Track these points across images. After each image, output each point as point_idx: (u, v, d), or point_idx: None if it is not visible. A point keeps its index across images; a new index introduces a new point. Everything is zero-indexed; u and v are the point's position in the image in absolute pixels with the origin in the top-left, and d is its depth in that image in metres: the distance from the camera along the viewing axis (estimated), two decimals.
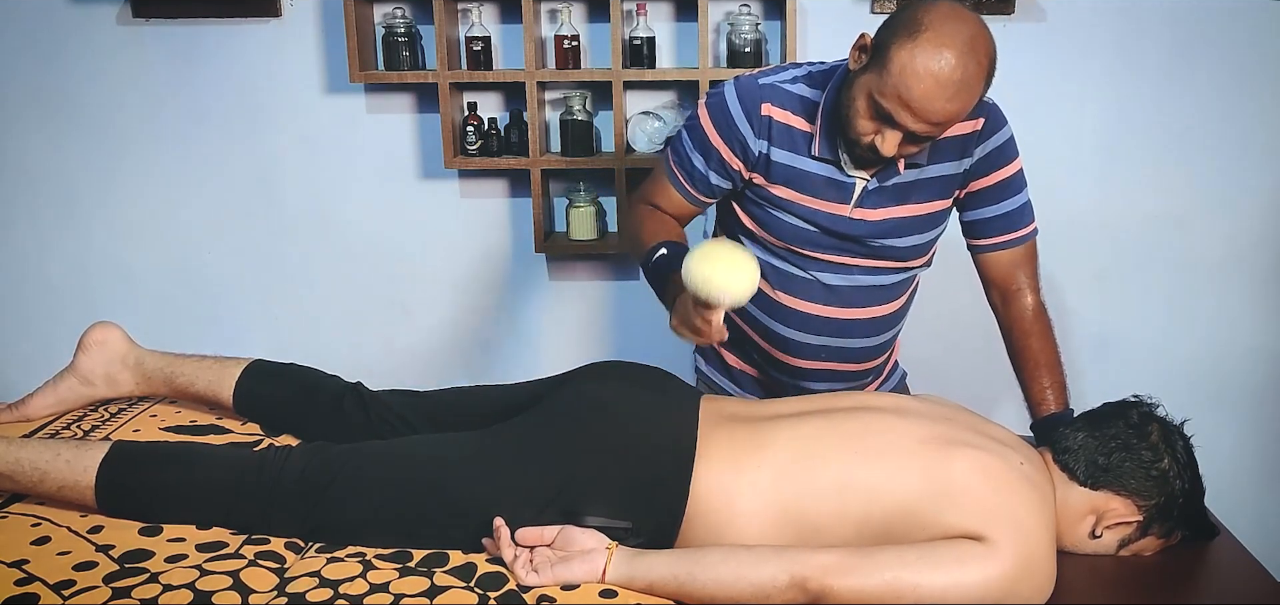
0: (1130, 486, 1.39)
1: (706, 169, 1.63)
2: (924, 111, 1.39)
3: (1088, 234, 2.60)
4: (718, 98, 1.62)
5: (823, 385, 1.76)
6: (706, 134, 1.62)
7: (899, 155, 1.48)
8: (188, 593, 1.23)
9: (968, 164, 1.61)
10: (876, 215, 1.60)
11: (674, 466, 1.37)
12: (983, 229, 1.67)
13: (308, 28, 2.57)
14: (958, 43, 1.37)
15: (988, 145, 1.61)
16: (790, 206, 1.61)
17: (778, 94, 1.59)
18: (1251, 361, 2.69)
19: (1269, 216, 2.59)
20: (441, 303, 2.76)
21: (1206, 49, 2.48)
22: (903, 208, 1.61)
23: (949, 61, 1.36)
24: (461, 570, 1.30)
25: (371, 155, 2.65)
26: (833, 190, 1.59)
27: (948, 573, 1.23)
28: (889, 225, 1.61)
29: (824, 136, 1.56)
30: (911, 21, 1.39)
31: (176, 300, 2.77)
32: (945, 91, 1.38)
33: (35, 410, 1.67)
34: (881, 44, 1.42)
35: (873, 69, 1.42)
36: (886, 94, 1.40)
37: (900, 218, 1.61)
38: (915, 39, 1.37)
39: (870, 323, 1.70)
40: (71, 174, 2.70)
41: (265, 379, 1.66)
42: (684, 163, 1.65)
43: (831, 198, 1.59)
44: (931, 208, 1.63)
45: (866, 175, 1.58)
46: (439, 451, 1.43)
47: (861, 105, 1.45)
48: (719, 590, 1.25)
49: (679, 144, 1.66)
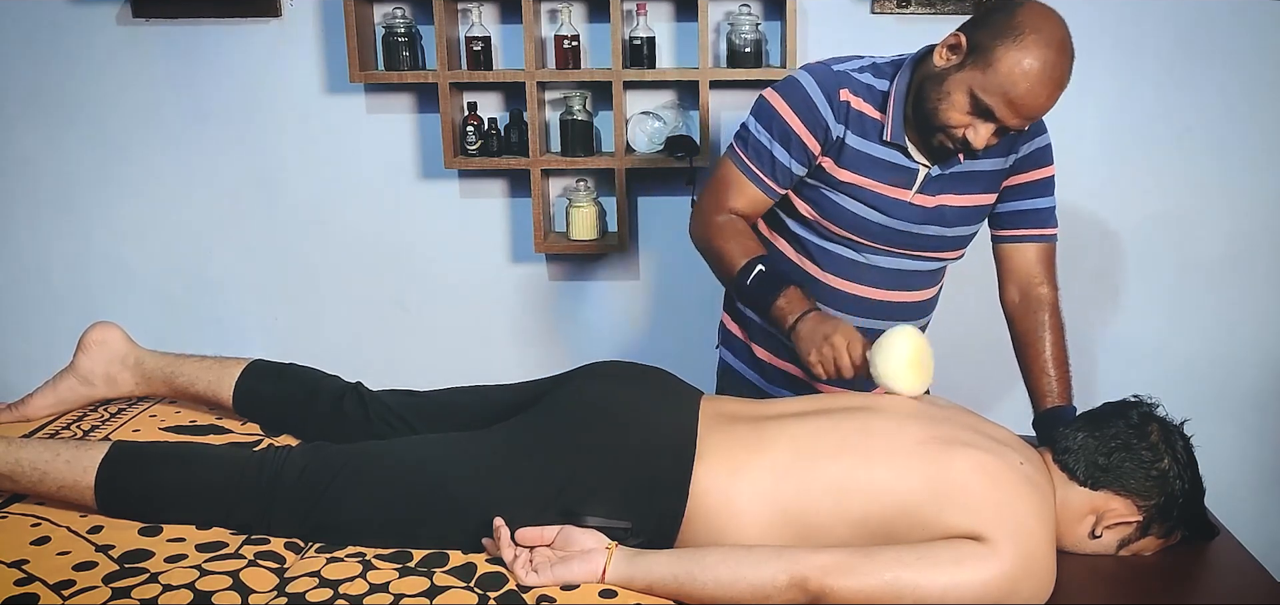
0: (1130, 486, 1.39)
1: (789, 159, 1.64)
2: (1025, 107, 1.49)
3: (1088, 234, 2.60)
4: (793, 86, 1.64)
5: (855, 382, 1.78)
6: (787, 122, 1.63)
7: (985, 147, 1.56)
8: (187, 593, 1.23)
9: (1013, 160, 1.70)
10: (933, 202, 1.67)
11: (674, 466, 1.37)
12: (1013, 221, 1.75)
13: (308, 28, 2.57)
14: (1056, 42, 1.48)
15: (1033, 144, 1.71)
16: (854, 190, 1.65)
17: (851, 81, 1.64)
18: (1251, 361, 2.69)
19: (1269, 216, 2.59)
20: (441, 303, 2.76)
21: (1207, 49, 2.48)
22: (957, 197, 1.68)
23: (1052, 60, 1.47)
24: (461, 570, 1.30)
25: (371, 155, 2.65)
26: (898, 175, 1.65)
27: (947, 573, 1.23)
28: (942, 213, 1.68)
29: (895, 123, 1.62)
30: (1012, 22, 1.48)
31: (176, 300, 2.78)
32: (1047, 88, 1.48)
33: (35, 410, 1.67)
34: (982, 44, 1.50)
35: (973, 66, 1.50)
36: (990, 91, 1.49)
37: (953, 206, 1.69)
38: (1021, 39, 1.46)
39: (912, 306, 1.76)
40: (71, 174, 2.70)
41: (265, 379, 1.66)
42: (762, 157, 1.65)
43: (896, 182, 1.65)
44: (979, 200, 1.70)
45: (929, 164, 1.65)
46: (439, 451, 1.43)
47: (959, 99, 1.52)
48: (719, 590, 1.25)
49: (751, 139, 1.66)
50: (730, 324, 1.91)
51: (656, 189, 2.63)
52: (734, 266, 1.64)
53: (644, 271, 2.71)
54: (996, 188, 1.71)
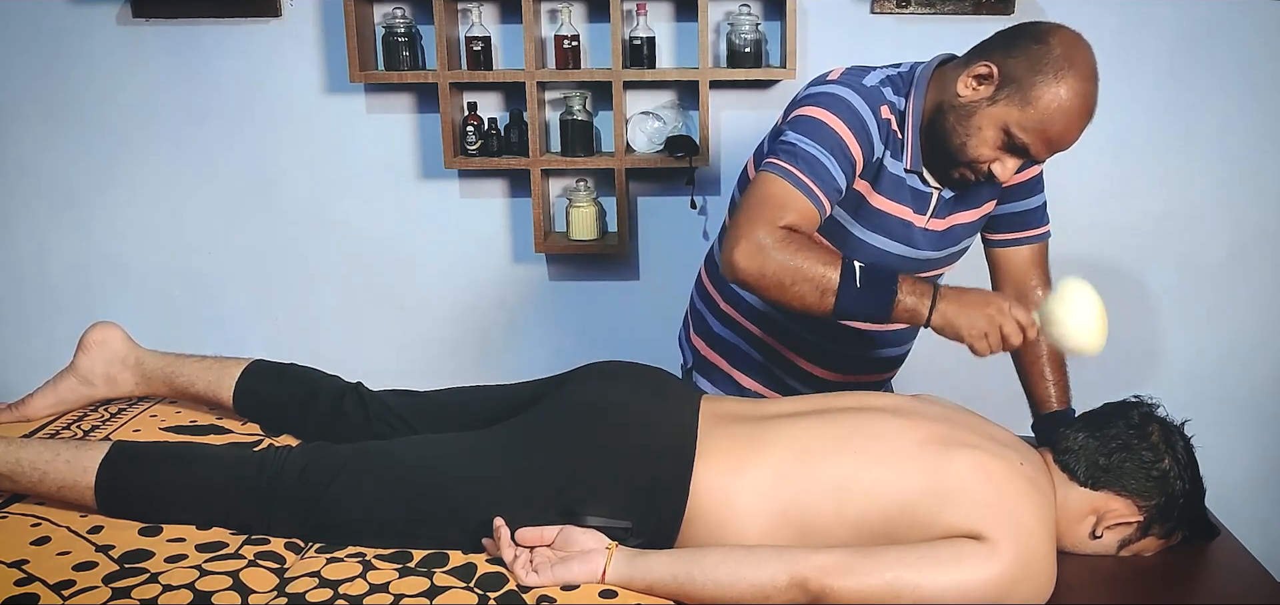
0: (1131, 487, 1.39)
1: (838, 172, 1.44)
2: (1061, 143, 1.43)
3: (1088, 234, 2.60)
4: (833, 98, 1.48)
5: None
6: (838, 134, 1.45)
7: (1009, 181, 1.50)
8: (188, 593, 1.23)
9: None
10: (943, 225, 1.61)
11: (674, 466, 1.37)
12: (1006, 224, 1.69)
13: (308, 28, 2.57)
14: (1093, 73, 1.41)
15: None
16: (881, 219, 1.55)
17: (883, 97, 1.51)
18: (1252, 362, 2.69)
19: (1270, 216, 2.59)
20: (441, 303, 2.76)
21: (1208, 49, 2.48)
22: (964, 214, 1.62)
23: (1090, 94, 1.41)
24: (461, 570, 1.30)
25: (371, 155, 2.65)
26: (916, 200, 1.57)
27: (948, 573, 1.23)
28: (950, 235, 1.62)
29: (914, 150, 1.53)
30: (1050, 54, 1.39)
31: (176, 300, 2.78)
32: (1083, 122, 1.42)
33: (35, 410, 1.67)
34: (1018, 77, 1.40)
35: (1008, 101, 1.41)
36: (1028, 128, 1.41)
37: (960, 225, 1.63)
38: (1061, 74, 1.38)
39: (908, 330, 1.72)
40: (71, 174, 2.70)
41: (265, 379, 1.66)
42: (815, 168, 1.42)
43: (914, 208, 1.57)
44: (983, 210, 1.66)
45: (940, 187, 1.57)
46: (439, 452, 1.43)
47: (991, 135, 1.43)
48: (719, 590, 1.25)
49: (799, 151, 1.44)
50: (708, 352, 1.81)
51: (656, 189, 2.63)
52: (827, 276, 1.35)
53: (644, 271, 2.71)
54: (997, 194, 1.66)
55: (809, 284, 1.36)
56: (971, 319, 1.34)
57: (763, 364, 1.77)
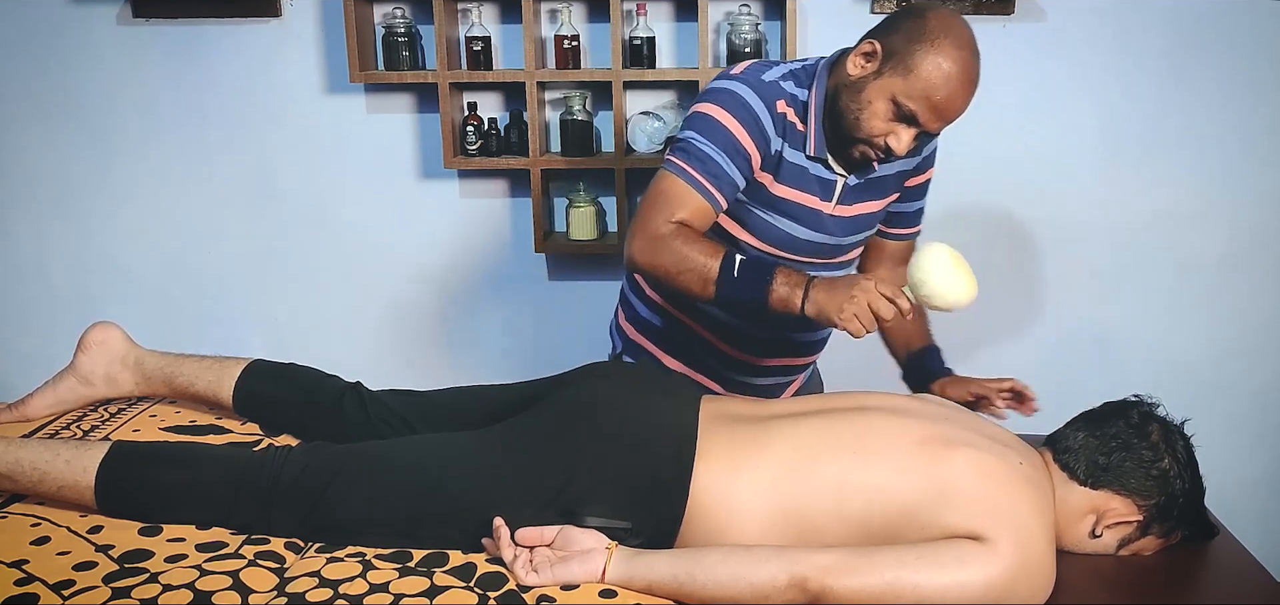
0: (1130, 486, 1.39)
1: (734, 170, 1.54)
2: (947, 110, 1.49)
3: (1088, 234, 2.60)
4: (731, 97, 1.56)
5: (768, 382, 1.82)
6: (732, 133, 1.54)
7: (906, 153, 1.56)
8: (187, 593, 1.23)
9: (916, 161, 1.71)
10: (850, 211, 1.67)
11: (674, 466, 1.36)
12: (898, 221, 1.78)
13: (308, 28, 2.57)
14: (969, 44, 1.48)
15: (930, 145, 1.73)
16: (786, 206, 1.62)
17: (781, 92, 1.59)
18: (1252, 361, 2.68)
19: (1270, 216, 2.59)
20: (441, 303, 2.76)
21: (1207, 48, 2.48)
22: (870, 203, 1.69)
23: (967, 61, 1.48)
24: (461, 570, 1.30)
25: (371, 155, 2.65)
26: (821, 188, 1.63)
27: (947, 572, 1.23)
28: (858, 221, 1.69)
29: (818, 136, 1.59)
30: (924, 27, 1.48)
31: (176, 300, 2.78)
32: (966, 90, 1.49)
33: (35, 410, 1.67)
34: (898, 50, 1.49)
35: (892, 73, 1.49)
36: (913, 96, 1.48)
37: (867, 213, 1.69)
38: (937, 44, 1.46)
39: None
40: (71, 173, 2.70)
41: (265, 379, 1.66)
42: (708, 167, 1.53)
43: (820, 195, 1.63)
44: (886, 203, 1.72)
45: (846, 174, 1.63)
46: (438, 451, 1.43)
47: (880, 107, 1.51)
48: (718, 590, 1.25)
49: (693, 150, 1.53)
50: (636, 335, 1.85)
51: None
52: (709, 267, 1.47)
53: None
54: (900, 188, 1.72)
55: (693, 274, 1.48)
56: (840, 303, 1.41)
57: (685, 345, 1.81)
